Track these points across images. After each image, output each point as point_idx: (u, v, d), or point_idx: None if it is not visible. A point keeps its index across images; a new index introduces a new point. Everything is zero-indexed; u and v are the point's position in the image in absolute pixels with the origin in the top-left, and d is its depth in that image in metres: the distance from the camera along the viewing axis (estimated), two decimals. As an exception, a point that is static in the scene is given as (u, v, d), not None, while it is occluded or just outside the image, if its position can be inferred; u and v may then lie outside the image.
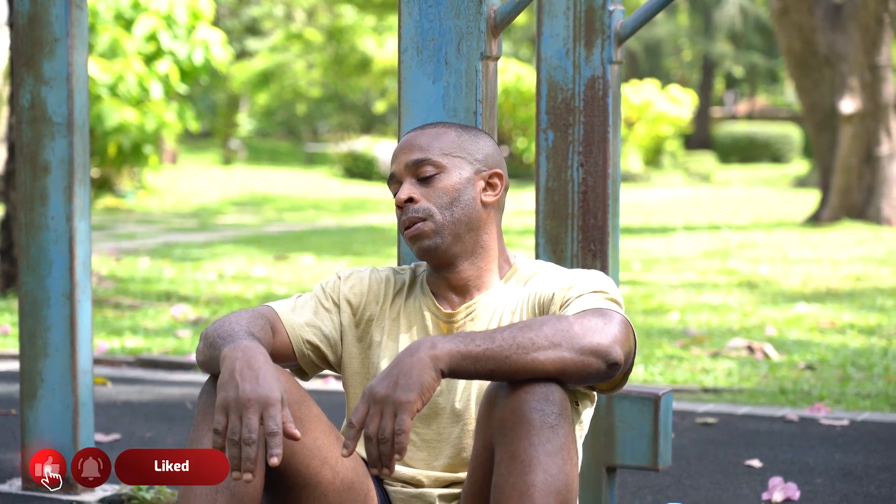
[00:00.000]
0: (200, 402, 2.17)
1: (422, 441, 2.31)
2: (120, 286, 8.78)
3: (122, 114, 15.42)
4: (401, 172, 2.34)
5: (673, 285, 9.14)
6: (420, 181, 2.32)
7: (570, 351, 2.04)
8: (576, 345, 2.04)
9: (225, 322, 2.20)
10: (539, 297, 2.27)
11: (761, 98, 41.33)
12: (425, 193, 2.31)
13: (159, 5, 15.83)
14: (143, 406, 4.96)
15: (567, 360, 2.04)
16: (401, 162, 2.34)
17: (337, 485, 2.22)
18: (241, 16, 33.80)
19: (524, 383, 2.04)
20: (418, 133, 2.37)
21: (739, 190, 24.03)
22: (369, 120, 34.28)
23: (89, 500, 3.41)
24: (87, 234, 3.49)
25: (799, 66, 15.11)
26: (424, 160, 2.31)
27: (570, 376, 2.06)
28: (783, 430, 4.61)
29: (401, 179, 2.34)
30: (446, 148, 2.33)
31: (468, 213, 2.31)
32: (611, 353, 2.06)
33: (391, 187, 2.37)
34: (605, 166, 3.12)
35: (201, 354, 2.20)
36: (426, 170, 2.31)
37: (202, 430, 2.13)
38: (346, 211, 18.33)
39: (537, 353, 2.03)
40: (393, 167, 2.36)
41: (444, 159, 2.32)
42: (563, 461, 2.03)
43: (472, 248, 2.33)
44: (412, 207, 2.31)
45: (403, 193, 2.31)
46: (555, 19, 3.13)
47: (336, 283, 2.39)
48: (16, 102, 3.51)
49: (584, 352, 2.04)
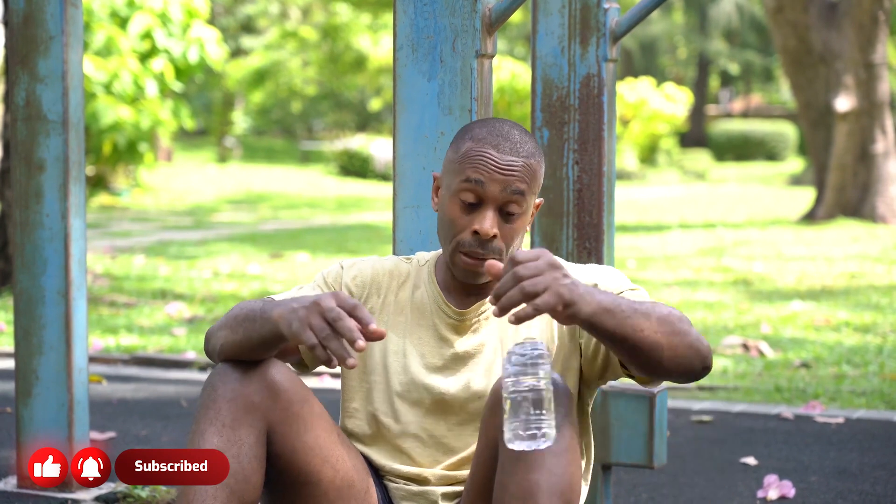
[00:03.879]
0: (204, 395, 2.15)
1: (429, 437, 2.29)
2: (115, 284, 8.77)
3: (117, 112, 15.41)
4: (493, 197, 2.22)
5: (668, 283, 9.15)
6: (503, 214, 2.23)
7: (683, 345, 2.04)
8: (688, 339, 2.04)
9: (245, 304, 2.17)
10: None
11: (756, 96, 41.36)
12: (502, 230, 2.23)
13: (154, 3, 15.81)
14: (138, 404, 4.96)
15: (680, 352, 2.04)
16: (497, 183, 2.21)
17: (337, 483, 2.21)
18: (236, 14, 33.78)
19: None
20: (512, 154, 2.23)
21: (734, 188, 24.05)
22: (364, 118, 34.28)
23: (85, 498, 3.40)
24: (82, 231, 3.49)
25: (794, 63, 15.12)
26: (519, 199, 2.22)
27: (673, 368, 2.06)
28: (778, 427, 4.62)
29: (485, 199, 2.22)
30: (533, 185, 2.25)
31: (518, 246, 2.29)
32: (709, 359, 2.08)
33: (469, 191, 2.23)
34: (601, 164, 3.12)
35: (225, 338, 2.15)
36: (514, 208, 2.23)
37: (205, 423, 2.12)
38: (341, 209, 18.33)
39: (662, 336, 2.02)
40: (483, 177, 2.21)
41: (530, 200, 2.25)
42: (568, 461, 2.03)
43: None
44: (492, 244, 2.23)
45: (490, 227, 2.21)
46: (550, 17, 3.13)
47: (338, 272, 2.36)
48: (11, 100, 3.50)
49: (692, 348, 2.05)
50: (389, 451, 2.32)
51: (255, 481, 2.13)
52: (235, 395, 2.13)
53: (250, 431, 2.12)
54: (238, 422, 2.12)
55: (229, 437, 2.11)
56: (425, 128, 2.70)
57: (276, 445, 2.16)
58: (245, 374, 2.14)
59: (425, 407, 2.28)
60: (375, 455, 2.33)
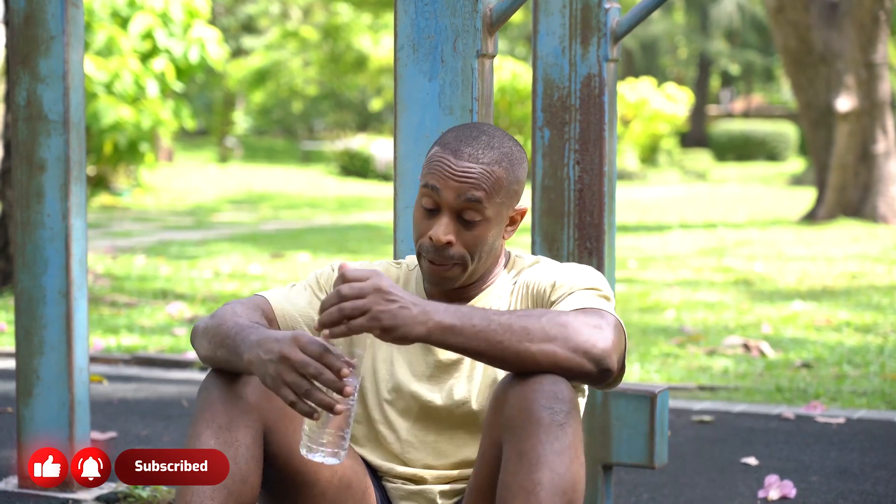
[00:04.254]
0: (200, 398, 2.16)
1: (420, 443, 2.30)
2: (116, 284, 8.77)
3: (118, 112, 15.41)
4: (447, 203, 2.21)
5: (669, 283, 9.15)
6: (461, 221, 2.22)
7: (564, 348, 2.03)
8: (569, 344, 2.03)
9: (225, 317, 2.17)
10: (533, 290, 2.26)
11: (757, 96, 41.36)
12: (462, 237, 2.22)
13: (155, 3, 15.81)
14: (139, 404, 4.96)
15: (559, 356, 2.03)
16: (451, 193, 2.20)
17: (335, 483, 2.22)
18: (237, 14, 33.79)
19: (534, 381, 2.03)
20: (470, 161, 2.21)
21: (735, 188, 24.04)
22: (365, 118, 34.29)
23: (85, 498, 3.40)
24: (83, 231, 3.49)
25: (795, 63, 15.12)
26: (475, 207, 2.20)
27: (562, 374, 2.05)
28: (779, 427, 4.62)
29: (441, 205, 2.22)
30: (496, 192, 2.22)
31: (491, 254, 2.28)
32: (604, 360, 2.05)
33: (427, 197, 2.23)
34: (601, 164, 3.12)
35: (206, 350, 2.17)
36: (472, 214, 2.21)
37: (202, 426, 2.12)
38: (342, 209, 18.32)
39: (530, 344, 2.02)
40: (440, 187, 2.21)
41: (491, 207, 2.22)
42: (571, 460, 2.02)
43: (482, 271, 2.31)
44: (448, 251, 2.22)
45: (443, 234, 2.20)
46: (551, 17, 3.13)
47: (330, 275, 2.36)
48: (12, 100, 3.50)
49: (577, 351, 2.04)
50: (386, 455, 2.33)
51: (253, 482, 2.13)
52: (231, 397, 2.13)
53: (247, 432, 2.13)
54: (234, 423, 2.12)
55: (226, 438, 2.12)
56: (426, 128, 2.70)
57: (272, 446, 2.17)
58: (240, 376, 2.15)
59: (414, 415, 2.29)
60: (371, 456, 2.34)
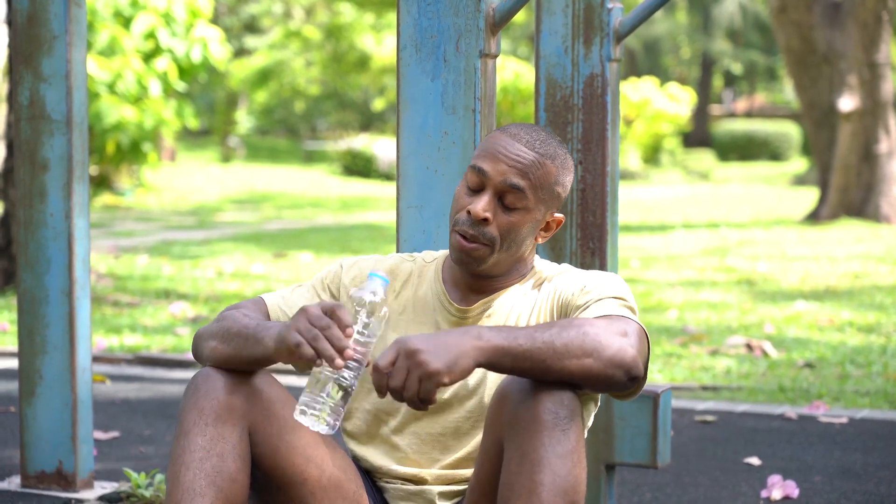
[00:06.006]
0: (188, 394, 2.17)
1: (427, 435, 2.30)
2: (119, 284, 8.78)
3: (120, 111, 15.41)
4: (493, 182, 2.23)
5: (671, 283, 9.15)
6: (501, 204, 2.24)
7: (599, 362, 2.04)
8: (604, 356, 2.04)
9: (236, 316, 2.20)
10: (559, 298, 2.26)
11: (760, 96, 41.33)
12: (499, 219, 2.23)
13: (158, 3, 15.81)
14: (141, 404, 4.96)
15: (594, 370, 2.04)
16: (499, 172, 2.22)
17: (324, 482, 2.22)
18: (239, 13, 33.79)
19: (538, 384, 2.05)
20: (526, 146, 2.24)
21: (738, 188, 24.03)
22: (368, 118, 34.27)
23: (88, 497, 3.41)
24: (86, 231, 3.49)
25: (798, 63, 15.11)
26: (520, 192, 2.22)
27: (593, 385, 2.07)
28: (782, 427, 4.62)
29: (486, 185, 2.24)
30: (542, 185, 2.24)
31: (521, 249, 2.29)
32: (634, 369, 2.07)
33: (473, 177, 2.24)
34: (604, 164, 3.12)
35: (214, 348, 2.19)
36: (513, 200, 2.23)
37: (189, 423, 2.14)
38: (344, 209, 18.33)
39: (570, 361, 2.03)
40: (488, 167, 2.23)
41: (534, 198, 2.24)
42: (573, 463, 2.04)
43: (505, 267, 2.31)
44: (483, 228, 2.23)
45: (482, 209, 2.22)
46: (553, 17, 3.13)
47: (337, 272, 2.37)
48: (14, 100, 3.50)
49: (611, 364, 2.05)
50: (386, 451, 2.33)
51: (242, 480, 2.14)
52: (217, 396, 2.15)
53: (233, 430, 2.15)
54: (220, 420, 2.14)
55: (212, 435, 2.13)
56: (429, 127, 2.70)
57: (259, 446, 2.18)
58: (226, 376, 2.17)
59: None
60: (372, 455, 2.34)
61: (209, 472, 2.11)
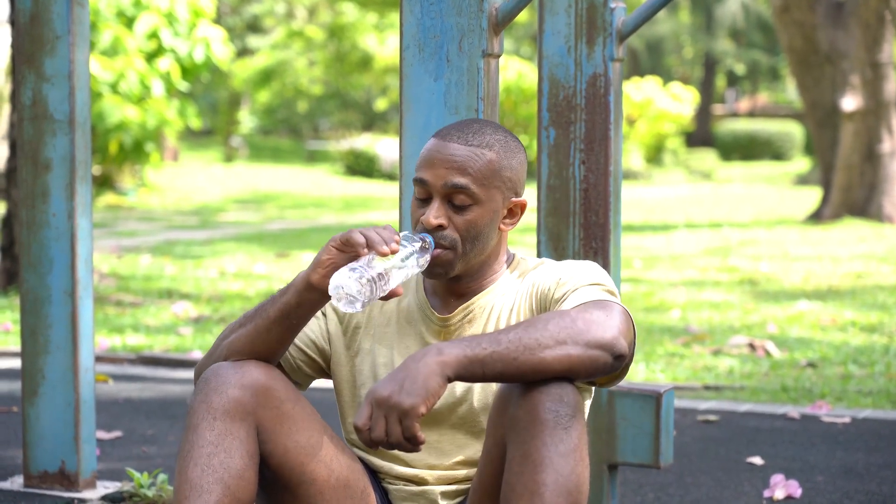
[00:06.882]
0: (197, 390, 2.18)
1: (425, 444, 2.30)
2: (121, 283, 8.78)
3: (123, 111, 15.43)
4: (436, 188, 2.23)
5: (674, 283, 9.14)
6: (452, 206, 2.23)
7: (576, 347, 2.03)
8: (581, 340, 2.04)
9: (243, 314, 2.26)
10: (537, 291, 2.26)
11: (763, 95, 41.31)
12: (454, 221, 2.23)
13: (160, 3, 15.83)
14: (144, 403, 4.96)
15: (574, 356, 2.03)
16: (438, 177, 2.22)
17: (332, 482, 2.22)
18: (242, 13, 33.79)
19: (538, 383, 2.04)
20: (458, 143, 2.24)
21: (740, 187, 24.02)
22: (371, 117, 34.28)
23: (91, 497, 3.41)
24: (89, 231, 3.49)
25: (800, 63, 15.10)
26: (463, 189, 2.22)
27: (578, 372, 2.05)
28: (785, 427, 4.61)
29: (431, 193, 2.24)
30: (486, 175, 2.23)
31: (487, 244, 2.28)
32: (616, 346, 2.06)
33: (418, 189, 2.25)
34: (607, 164, 3.12)
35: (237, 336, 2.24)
36: (461, 199, 2.23)
37: (197, 418, 2.15)
38: (347, 209, 18.33)
39: (544, 353, 2.02)
40: (427, 175, 2.23)
41: (482, 191, 2.23)
42: (575, 462, 2.03)
43: (477, 265, 2.31)
44: (441, 234, 2.23)
45: (434, 218, 2.22)
46: (556, 17, 3.13)
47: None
48: (17, 100, 3.51)
49: (590, 346, 2.04)
50: (387, 457, 2.33)
51: (249, 477, 2.14)
52: (227, 391, 2.15)
53: (241, 427, 2.15)
54: (229, 417, 2.14)
55: (221, 431, 2.13)
56: (432, 127, 2.70)
57: (267, 444, 2.18)
58: (235, 373, 2.17)
59: None
60: (373, 458, 2.34)
61: (216, 468, 2.11)
